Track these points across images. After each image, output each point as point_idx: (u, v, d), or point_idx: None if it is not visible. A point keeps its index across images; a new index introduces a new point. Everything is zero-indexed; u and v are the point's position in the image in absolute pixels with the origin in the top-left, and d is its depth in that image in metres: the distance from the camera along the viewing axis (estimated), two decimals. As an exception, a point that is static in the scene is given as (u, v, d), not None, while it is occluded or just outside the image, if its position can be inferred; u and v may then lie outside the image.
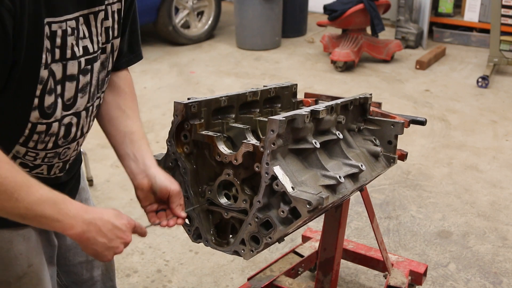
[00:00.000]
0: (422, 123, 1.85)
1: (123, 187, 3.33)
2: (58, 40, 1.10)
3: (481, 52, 6.10)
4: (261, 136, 1.51)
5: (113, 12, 1.24)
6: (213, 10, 6.52)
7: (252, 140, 1.39)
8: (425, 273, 2.35)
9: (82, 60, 1.17)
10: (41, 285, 1.35)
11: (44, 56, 1.06)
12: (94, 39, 1.19)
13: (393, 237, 2.89)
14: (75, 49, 1.14)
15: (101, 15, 1.20)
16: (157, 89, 5.03)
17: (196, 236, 1.49)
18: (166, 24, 6.05)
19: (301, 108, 1.64)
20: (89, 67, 1.20)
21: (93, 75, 1.22)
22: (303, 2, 6.72)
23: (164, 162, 1.49)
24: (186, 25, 6.43)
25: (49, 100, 1.12)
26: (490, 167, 3.65)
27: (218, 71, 5.56)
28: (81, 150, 1.48)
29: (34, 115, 1.13)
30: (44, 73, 1.08)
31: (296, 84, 1.82)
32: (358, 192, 1.81)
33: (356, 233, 2.92)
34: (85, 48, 1.17)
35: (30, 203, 1.00)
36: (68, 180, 1.41)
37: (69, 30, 1.11)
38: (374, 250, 2.41)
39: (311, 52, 6.16)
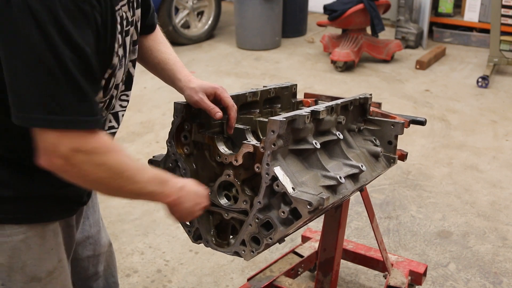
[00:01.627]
0: (422, 123, 1.85)
1: (123, 187, 3.32)
2: (119, 27, 1.15)
3: (481, 52, 6.10)
4: (261, 137, 1.51)
5: None
6: (213, 10, 6.52)
7: (252, 140, 1.39)
8: (425, 273, 2.35)
9: (127, 39, 1.23)
10: (68, 280, 1.36)
11: (116, 45, 1.14)
12: (132, 19, 1.24)
13: (393, 237, 2.89)
14: (130, 31, 1.22)
15: None
16: (157, 89, 5.03)
17: (196, 237, 1.49)
18: (166, 24, 6.05)
19: (301, 109, 1.64)
20: (124, 40, 1.23)
21: (126, 47, 1.25)
22: (303, 2, 6.72)
23: (164, 163, 1.49)
24: (186, 25, 6.43)
25: (111, 82, 1.19)
26: (490, 167, 3.65)
27: (218, 71, 5.56)
28: None
29: (99, 96, 1.16)
30: (115, 60, 1.16)
31: (296, 85, 1.82)
32: (358, 192, 1.81)
33: (356, 233, 2.92)
34: (128, 31, 1.23)
35: (145, 183, 1.18)
36: None
37: (124, 14, 1.17)
38: (374, 250, 2.41)
39: (311, 52, 6.16)
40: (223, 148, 1.39)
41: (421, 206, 3.19)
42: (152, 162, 1.52)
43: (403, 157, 1.79)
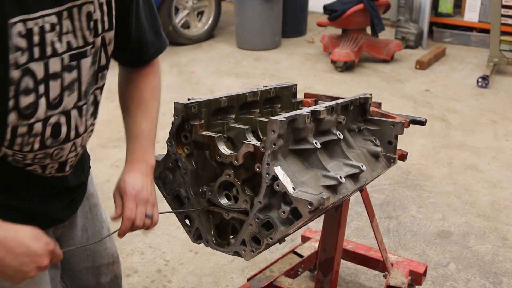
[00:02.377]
0: (422, 123, 1.85)
1: (123, 187, 3.33)
2: (36, 38, 1.05)
3: (481, 52, 6.10)
4: (261, 137, 1.51)
5: (101, 4, 1.19)
6: (213, 10, 6.52)
7: (252, 140, 1.39)
8: (425, 273, 2.35)
9: (66, 56, 1.12)
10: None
11: (12, 56, 1.01)
12: (78, 33, 1.14)
13: (393, 237, 2.89)
14: (57, 45, 1.09)
15: (87, 7, 1.15)
16: (157, 89, 5.03)
17: (197, 237, 1.49)
18: (166, 24, 6.05)
19: (301, 109, 1.64)
20: (74, 63, 1.14)
21: (81, 72, 1.17)
22: (303, 2, 6.72)
23: (165, 163, 1.49)
24: (186, 25, 6.43)
25: (26, 100, 1.07)
26: (490, 167, 3.65)
27: (218, 71, 5.56)
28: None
29: (12, 117, 1.08)
30: (15, 74, 1.03)
31: (296, 84, 1.82)
32: (358, 192, 1.81)
33: (356, 233, 2.92)
34: (68, 44, 1.12)
35: None
36: (78, 185, 1.39)
37: (47, 26, 1.06)
38: (374, 250, 2.41)
39: (311, 52, 6.16)
40: (223, 148, 1.39)
41: (421, 206, 3.19)
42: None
43: (403, 157, 1.78)
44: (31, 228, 1.09)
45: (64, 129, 1.20)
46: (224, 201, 1.42)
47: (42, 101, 1.10)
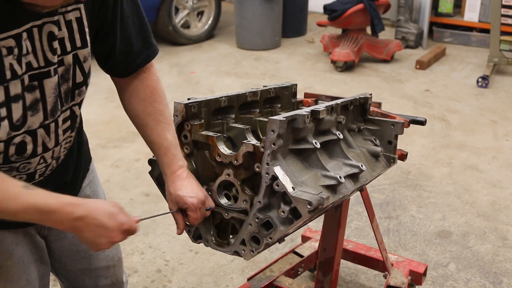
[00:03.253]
0: (422, 123, 1.85)
1: (123, 187, 3.33)
2: None
3: (481, 52, 6.10)
4: (261, 136, 1.51)
5: (68, 22, 1.16)
6: (213, 10, 6.52)
7: (252, 140, 1.39)
8: (425, 273, 2.35)
9: (25, 77, 1.11)
10: (10, 286, 1.34)
11: None
12: (39, 53, 1.12)
13: (393, 237, 2.89)
14: (16, 67, 1.07)
15: (49, 27, 1.12)
16: (157, 89, 5.03)
17: (196, 237, 1.49)
18: (166, 24, 6.05)
19: (301, 108, 1.64)
20: (35, 83, 1.13)
21: (45, 92, 1.15)
22: (303, 2, 6.72)
23: (164, 162, 1.48)
24: (186, 25, 6.43)
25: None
26: (490, 167, 3.65)
27: (218, 71, 5.56)
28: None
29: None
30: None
31: (296, 84, 1.82)
32: (358, 192, 1.81)
33: (356, 233, 2.92)
34: (28, 64, 1.10)
35: (17, 212, 1.08)
36: (58, 186, 1.37)
37: (4, 50, 1.04)
38: (374, 250, 2.41)
39: (311, 52, 6.16)
40: (223, 148, 1.39)
41: (421, 206, 3.19)
42: (152, 162, 1.52)
43: (403, 157, 1.78)
44: (110, 207, 1.20)
45: (30, 147, 1.19)
46: (223, 200, 1.43)
47: (5, 123, 1.09)
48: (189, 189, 1.38)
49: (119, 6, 1.27)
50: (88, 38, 1.22)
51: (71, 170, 1.42)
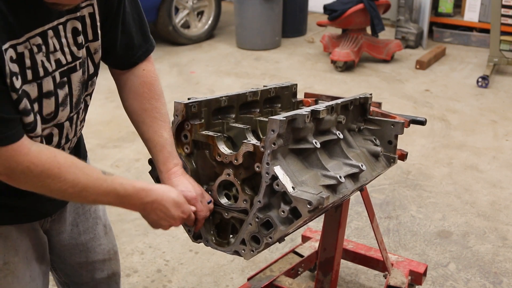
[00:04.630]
0: (422, 123, 1.85)
1: (123, 187, 3.33)
2: (28, 61, 1.08)
3: (481, 52, 6.10)
4: (261, 136, 1.51)
5: (83, 17, 1.22)
6: (213, 10, 6.52)
7: (252, 140, 1.39)
8: (425, 273, 2.35)
9: (57, 74, 1.16)
10: (16, 283, 1.35)
11: (8, 80, 1.04)
12: (66, 49, 1.18)
13: (393, 237, 2.89)
14: (46, 64, 1.13)
15: (72, 23, 1.17)
16: (157, 89, 5.03)
17: (196, 236, 1.49)
18: (166, 24, 6.05)
19: (301, 108, 1.64)
20: (65, 79, 1.19)
21: (72, 86, 1.21)
22: (303, 2, 6.72)
23: (165, 162, 1.48)
24: (186, 25, 6.43)
25: (27, 119, 1.11)
26: (490, 167, 3.65)
27: (218, 71, 5.56)
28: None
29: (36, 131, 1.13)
30: (13, 95, 1.06)
31: (296, 84, 1.82)
32: (358, 192, 1.81)
33: (356, 233, 2.92)
34: (57, 62, 1.16)
35: (98, 195, 1.20)
36: None
37: (34, 48, 1.10)
38: (374, 250, 2.41)
39: (311, 52, 6.16)
40: (223, 148, 1.39)
41: (421, 206, 3.19)
42: (152, 162, 1.52)
43: (403, 157, 1.78)
44: (177, 196, 1.33)
45: (55, 139, 1.25)
46: (224, 200, 1.43)
47: (38, 118, 1.15)
48: (186, 184, 1.40)
49: (122, 2, 1.32)
50: (99, 31, 1.27)
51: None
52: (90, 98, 1.36)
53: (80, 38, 1.21)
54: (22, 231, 1.36)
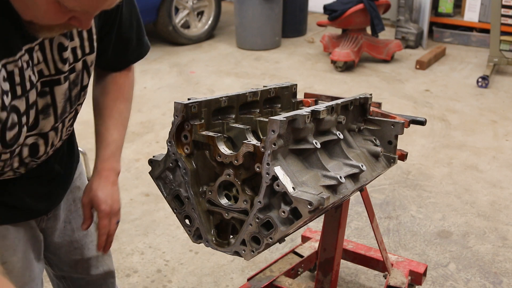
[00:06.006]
0: (422, 123, 1.85)
1: (123, 187, 3.33)
2: (17, 79, 1.09)
3: (481, 52, 6.10)
4: (262, 137, 1.51)
5: (80, 32, 1.22)
6: (213, 10, 6.52)
7: (252, 140, 1.39)
8: (425, 273, 2.35)
9: (38, 84, 1.16)
10: (15, 283, 1.35)
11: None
12: (50, 63, 1.17)
13: (393, 237, 2.89)
14: (32, 78, 1.14)
15: (58, 39, 1.17)
16: (157, 89, 5.03)
17: (197, 237, 1.49)
18: (166, 24, 6.05)
19: (301, 108, 1.64)
20: (46, 89, 1.18)
21: (55, 98, 1.21)
22: (303, 2, 6.72)
23: (165, 163, 1.49)
24: (186, 25, 6.43)
25: (11, 134, 1.12)
26: (490, 167, 3.65)
27: (218, 71, 5.56)
28: (81, 150, 1.49)
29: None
30: (2, 115, 1.06)
31: (296, 84, 1.82)
32: (358, 192, 1.81)
33: (356, 233, 2.92)
34: (40, 72, 1.16)
35: None
36: (55, 176, 1.42)
37: (24, 65, 1.10)
38: (374, 250, 2.41)
39: (311, 52, 6.16)
40: (223, 148, 1.39)
41: (421, 206, 3.19)
42: (152, 162, 1.52)
43: (403, 157, 1.78)
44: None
45: (42, 148, 1.26)
46: (224, 201, 1.42)
47: (24, 129, 1.15)
48: (109, 195, 1.40)
49: (119, 9, 1.33)
50: (95, 44, 1.28)
51: (64, 161, 1.47)
52: (81, 107, 1.38)
53: (68, 53, 1.20)
54: (19, 230, 1.37)
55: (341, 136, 1.49)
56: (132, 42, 1.42)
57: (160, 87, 5.09)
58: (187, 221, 1.49)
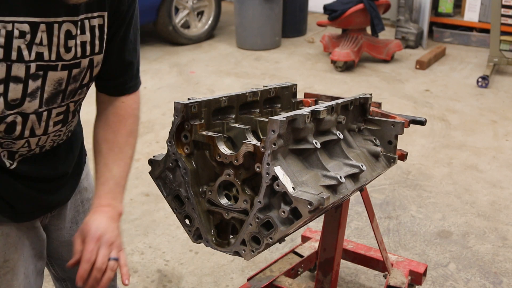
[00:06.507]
0: (422, 123, 1.85)
1: (123, 187, 3.33)
2: (1, 40, 1.08)
3: (481, 52, 6.10)
4: (262, 137, 1.51)
5: (92, 27, 1.22)
6: (213, 10, 6.52)
7: (252, 140, 1.39)
8: (425, 273, 2.35)
9: (33, 65, 1.15)
10: (15, 280, 1.36)
11: None
12: (53, 48, 1.17)
13: (393, 237, 2.89)
14: (24, 52, 1.12)
15: (67, 26, 1.17)
16: (157, 89, 5.03)
17: (197, 237, 1.49)
18: (166, 24, 6.05)
19: (301, 108, 1.64)
20: (40, 73, 1.17)
21: (45, 81, 1.19)
22: (303, 2, 6.72)
23: (165, 163, 1.49)
24: (186, 25, 6.43)
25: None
26: (490, 167, 3.65)
27: (218, 71, 5.56)
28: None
29: None
30: None
31: (296, 84, 1.82)
32: (358, 192, 1.81)
33: (356, 233, 2.92)
34: (39, 54, 1.15)
35: None
36: (59, 175, 1.41)
37: (16, 32, 1.09)
38: (374, 250, 2.41)
39: (311, 52, 6.16)
40: (223, 148, 1.39)
41: (421, 206, 3.19)
42: (152, 162, 1.52)
43: (403, 157, 1.78)
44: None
45: (18, 128, 1.22)
46: (224, 201, 1.42)
47: (0, 100, 1.13)
48: (103, 225, 1.29)
49: (128, 27, 1.33)
50: (104, 45, 1.28)
51: (71, 161, 1.46)
52: (79, 106, 1.35)
53: (71, 43, 1.19)
54: (22, 229, 1.37)
55: (341, 136, 1.49)
56: (133, 68, 1.40)
57: (160, 87, 5.09)
58: (187, 221, 1.49)
